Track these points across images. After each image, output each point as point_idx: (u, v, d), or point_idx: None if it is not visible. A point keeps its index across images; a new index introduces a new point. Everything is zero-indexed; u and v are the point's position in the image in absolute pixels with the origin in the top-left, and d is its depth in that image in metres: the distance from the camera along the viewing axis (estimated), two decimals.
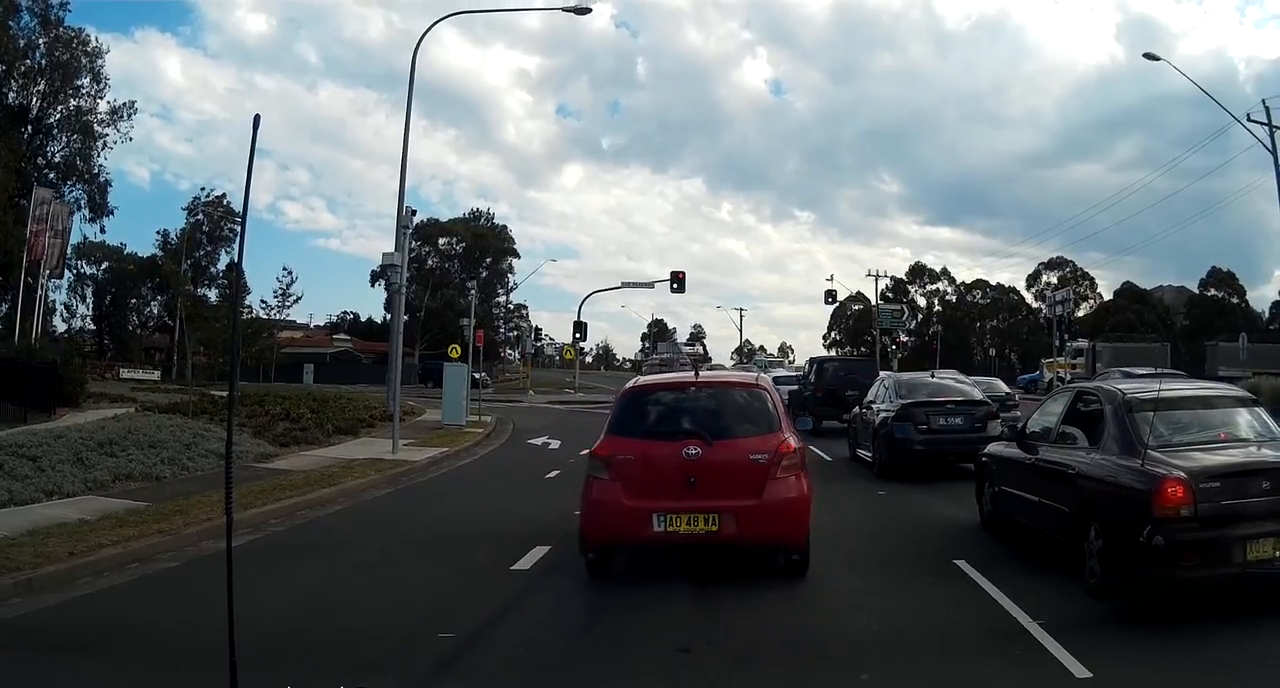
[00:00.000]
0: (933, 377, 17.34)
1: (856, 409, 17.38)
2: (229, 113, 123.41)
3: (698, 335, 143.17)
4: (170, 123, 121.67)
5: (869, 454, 15.51)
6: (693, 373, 8.77)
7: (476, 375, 60.19)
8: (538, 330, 51.34)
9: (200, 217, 71.24)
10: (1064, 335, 51.97)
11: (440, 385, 55.97)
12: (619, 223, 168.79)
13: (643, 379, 9.76)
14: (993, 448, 9.94)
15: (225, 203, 72.35)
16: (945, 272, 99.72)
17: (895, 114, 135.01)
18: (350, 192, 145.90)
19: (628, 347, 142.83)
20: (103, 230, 50.65)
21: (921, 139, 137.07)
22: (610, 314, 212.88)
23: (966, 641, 5.89)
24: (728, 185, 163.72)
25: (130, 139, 49.02)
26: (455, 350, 39.49)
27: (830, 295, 59.95)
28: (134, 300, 74.81)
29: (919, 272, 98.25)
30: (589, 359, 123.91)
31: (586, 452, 8.45)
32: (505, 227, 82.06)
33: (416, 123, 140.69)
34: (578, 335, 44.16)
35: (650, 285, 43.90)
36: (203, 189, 70.12)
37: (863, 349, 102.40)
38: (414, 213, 18.08)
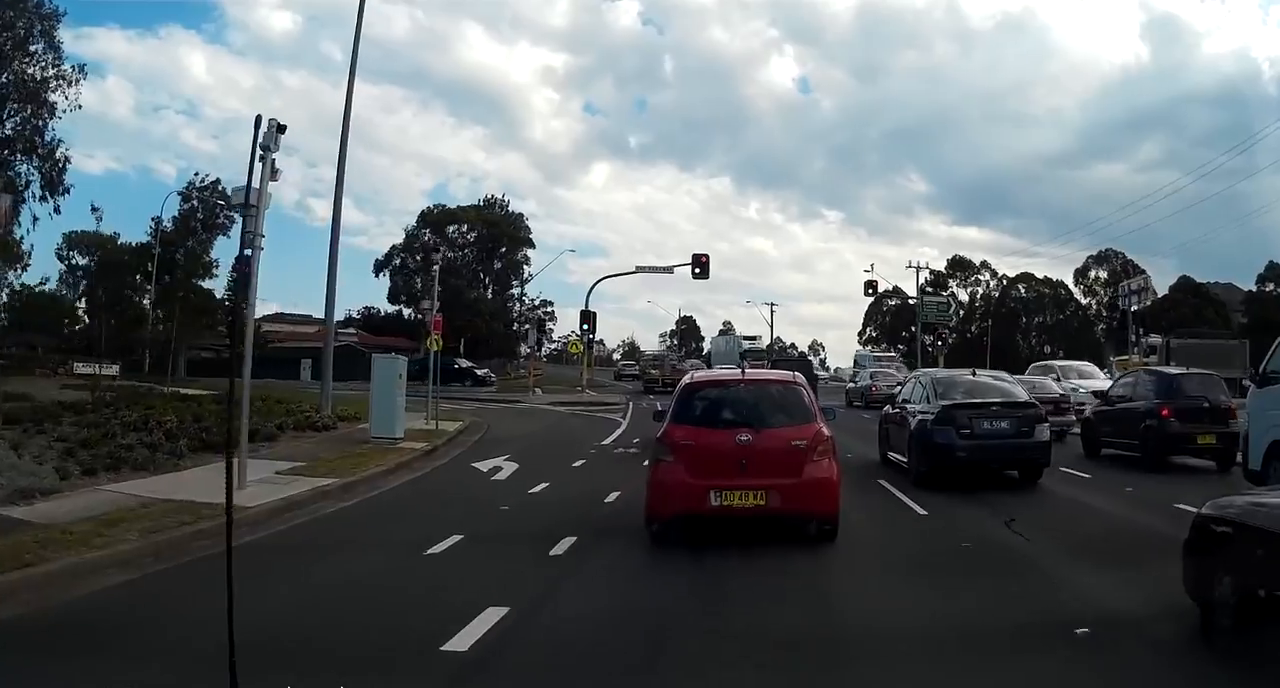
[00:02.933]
0: (974, 375, 15.71)
1: (888, 408, 16.25)
2: (255, 110, 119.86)
3: (726, 332, 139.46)
4: (196, 119, 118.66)
5: (903, 459, 14.15)
6: (739, 372, 10.42)
7: (479, 372, 54.38)
8: (541, 323, 44.66)
9: (194, 202, 65.66)
10: (1139, 330, 44.92)
11: (438, 383, 50.34)
12: (646, 221, 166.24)
13: (698, 376, 11.08)
14: (1246, 503, 5.01)
15: (221, 188, 66.90)
16: (986, 264, 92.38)
17: (920, 113, 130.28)
18: (377, 189, 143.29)
19: (655, 344, 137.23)
20: (58, 211, 43.97)
21: (946, 138, 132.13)
22: (638, 312, 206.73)
23: None
24: (755, 184, 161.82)
25: (80, 107, 42.81)
26: (436, 343, 33.40)
27: (870, 286, 53.35)
28: (129, 291, 69.36)
29: (959, 265, 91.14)
30: (617, 356, 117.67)
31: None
32: (521, 215, 75.75)
33: (443, 120, 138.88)
34: (585, 327, 37.71)
35: (669, 270, 37.53)
36: (196, 173, 64.68)
37: (900, 347, 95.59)
38: (281, 130, 11.82)
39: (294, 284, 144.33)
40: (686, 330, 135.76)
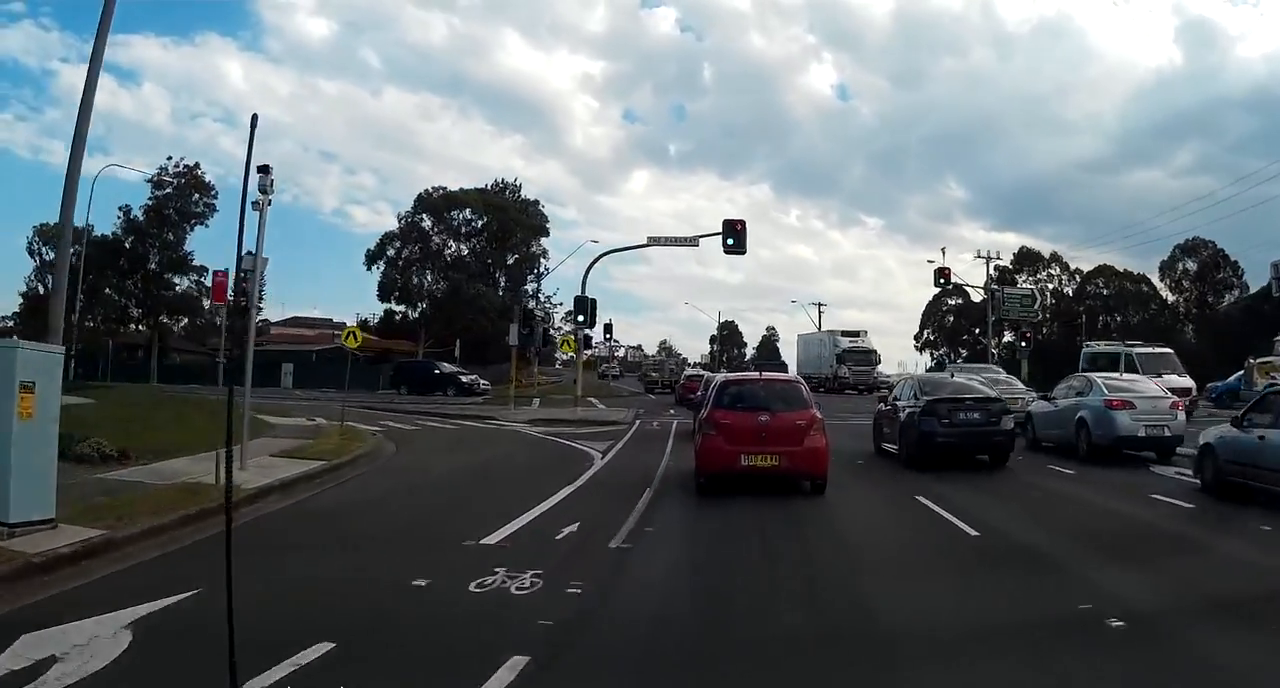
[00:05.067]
0: (951, 376, 19.23)
1: (880, 406, 17.67)
2: (292, 117, 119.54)
3: (771, 338, 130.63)
4: (233, 127, 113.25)
5: (894, 448, 15.74)
6: (758, 373, 14.50)
7: (464, 378, 44.10)
8: (528, 315, 33.86)
9: (169, 190, 56.91)
10: None
11: (417, 391, 40.45)
12: (688, 228, 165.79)
13: (730, 375, 15.35)
14: None
15: (198, 174, 58.08)
16: (1057, 257, 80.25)
17: (959, 119, 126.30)
18: (418, 196, 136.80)
19: (695, 350, 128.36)
20: None
21: (985, 144, 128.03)
22: (681, 319, 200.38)
23: None
24: (795, 191, 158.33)
25: None
26: (354, 338, 23.65)
27: (941, 276, 42.70)
28: (108, 290, 60.58)
29: (1026, 258, 78.94)
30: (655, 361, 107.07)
31: None
32: (537, 201, 64.23)
33: (483, 128, 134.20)
34: (579, 319, 26.87)
35: (693, 242, 26.86)
36: (169, 157, 56.06)
37: (962, 352, 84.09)
38: None
39: (331, 287, 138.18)
40: (728, 336, 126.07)
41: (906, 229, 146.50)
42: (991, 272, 63.60)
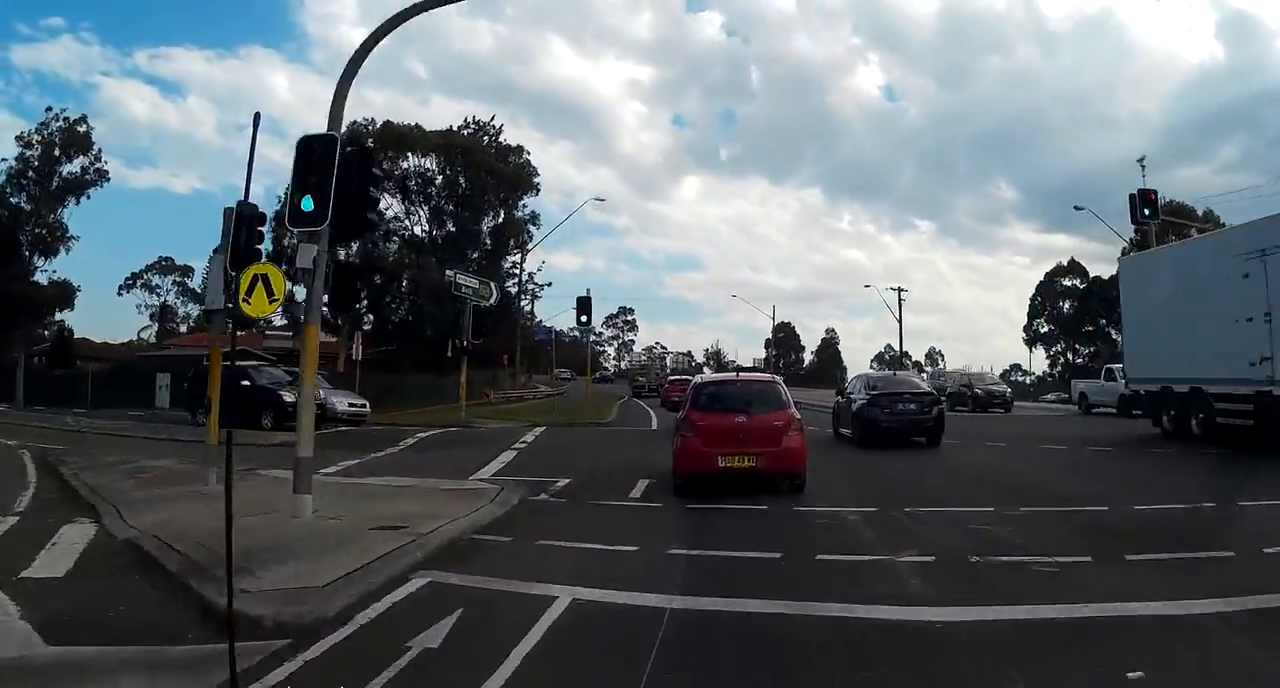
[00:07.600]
0: (895, 375, 23.86)
1: (838, 399, 21.06)
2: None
3: (831, 340, 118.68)
4: (281, 138, 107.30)
5: (848, 431, 19.05)
6: (735, 373, 13.69)
7: (288, 397, 16.99)
8: (344, 268, 17.30)
9: (37, 149, 41.31)
10: None
11: (229, 416, 23.75)
12: (740, 234, 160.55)
13: (708, 377, 16.05)
14: None
15: (80, 131, 42.40)
16: (1210, 214, 60.17)
17: (1005, 118, 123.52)
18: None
19: (748, 356, 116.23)
20: None
21: (1033, 144, 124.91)
22: (736, 324, 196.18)
23: None
24: (846, 195, 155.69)
25: None
26: None
27: (1146, 204, 25.28)
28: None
29: (1177, 213, 58.95)
30: (708, 370, 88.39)
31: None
32: (521, 148, 47.37)
33: (532, 135, 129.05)
34: (369, 218, 8.76)
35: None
36: (48, 109, 41.56)
37: (1079, 348, 65.11)
38: None
39: None
40: (784, 339, 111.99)
41: (957, 232, 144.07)
42: (1130, 242, 44.64)
